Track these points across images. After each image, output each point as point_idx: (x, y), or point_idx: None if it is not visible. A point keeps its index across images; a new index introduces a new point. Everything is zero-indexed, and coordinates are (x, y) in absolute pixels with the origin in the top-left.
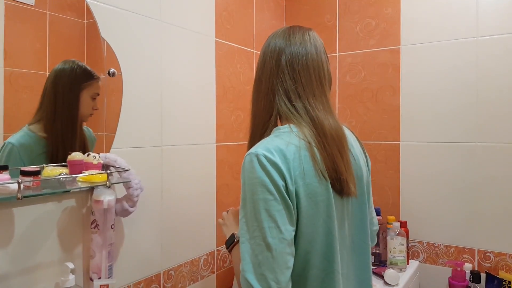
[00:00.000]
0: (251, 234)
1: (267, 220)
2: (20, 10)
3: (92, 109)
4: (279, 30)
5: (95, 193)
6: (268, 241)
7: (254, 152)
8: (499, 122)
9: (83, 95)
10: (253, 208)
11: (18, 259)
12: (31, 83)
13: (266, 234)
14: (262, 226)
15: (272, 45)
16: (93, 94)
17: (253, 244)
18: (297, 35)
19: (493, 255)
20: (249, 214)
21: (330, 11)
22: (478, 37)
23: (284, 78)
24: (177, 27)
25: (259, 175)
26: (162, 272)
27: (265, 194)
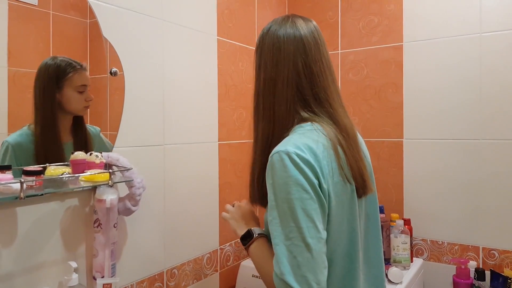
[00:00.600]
0: (287, 235)
1: (305, 220)
2: (23, 10)
3: (84, 101)
4: (284, 23)
5: (97, 192)
6: (308, 241)
7: (284, 150)
8: (503, 118)
9: (66, 91)
10: (289, 208)
11: (21, 258)
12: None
13: (305, 235)
14: (300, 226)
15: (286, 45)
16: (77, 87)
17: (290, 246)
18: (306, 31)
19: (498, 252)
20: (284, 214)
21: (332, 8)
22: (481, 33)
23: (302, 83)
24: (178, 26)
25: (293, 173)
26: (165, 270)
27: (301, 193)
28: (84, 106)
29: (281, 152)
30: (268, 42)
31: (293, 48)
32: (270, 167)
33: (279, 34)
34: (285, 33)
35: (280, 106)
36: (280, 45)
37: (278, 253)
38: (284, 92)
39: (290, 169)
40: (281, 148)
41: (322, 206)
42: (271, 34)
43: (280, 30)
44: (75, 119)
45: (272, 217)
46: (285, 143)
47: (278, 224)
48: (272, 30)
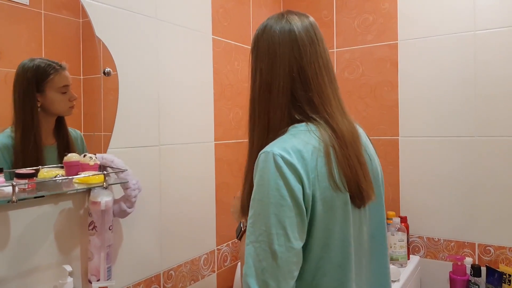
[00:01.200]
0: (257, 237)
1: (275, 226)
2: (15, 10)
3: (68, 101)
4: (278, 22)
5: (92, 195)
6: (274, 248)
7: (269, 151)
8: (498, 115)
9: (48, 93)
10: (262, 210)
11: (15, 262)
12: None
13: (273, 241)
14: (270, 232)
15: (281, 48)
16: (59, 88)
17: (258, 248)
18: (302, 30)
19: (493, 248)
20: (257, 216)
21: (327, 7)
22: (475, 31)
23: (297, 88)
24: (173, 25)
25: (273, 177)
26: (162, 272)
27: (277, 198)
28: (69, 106)
29: (267, 152)
30: (262, 45)
31: (288, 50)
32: (255, 166)
33: (273, 35)
34: (280, 34)
35: (275, 112)
36: (275, 48)
37: (247, 253)
38: (279, 98)
39: (271, 172)
40: (268, 148)
41: (301, 214)
42: (266, 36)
43: (275, 31)
44: (58, 121)
45: (249, 215)
46: (274, 143)
47: (252, 224)
48: (267, 30)
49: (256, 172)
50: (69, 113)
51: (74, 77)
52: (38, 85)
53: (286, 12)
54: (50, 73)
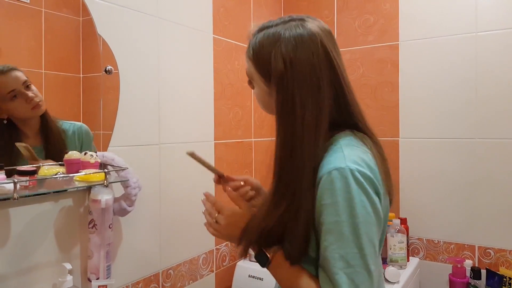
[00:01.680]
0: (348, 262)
1: (368, 245)
2: (15, 8)
3: (26, 103)
4: (303, 38)
5: (92, 193)
6: (371, 268)
7: (344, 167)
8: (499, 118)
9: (1, 105)
10: (352, 233)
11: (15, 260)
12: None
13: (369, 262)
14: (364, 254)
15: (322, 67)
16: (5, 96)
17: (352, 274)
18: (332, 45)
19: (494, 251)
20: (346, 239)
21: (328, 7)
22: (477, 33)
23: (334, 104)
24: (174, 24)
25: (357, 194)
26: (161, 271)
27: (366, 216)
28: (30, 108)
29: (341, 169)
30: (300, 68)
31: (329, 72)
32: (328, 186)
33: (311, 52)
34: (315, 51)
35: (320, 137)
36: (316, 69)
37: (339, 282)
38: (324, 123)
39: (353, 189)
40: (340, 164)
41: (380, 226)
42: (303, 54)
43: (310, 51)
44: (42, 120)
45: (328, 243)
46: (340, 157)
47: (337, 250)
48: (300, 51)
49: (329, 192)
50: (35, 113)
51: (74, 75)
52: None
53: (301, 20)
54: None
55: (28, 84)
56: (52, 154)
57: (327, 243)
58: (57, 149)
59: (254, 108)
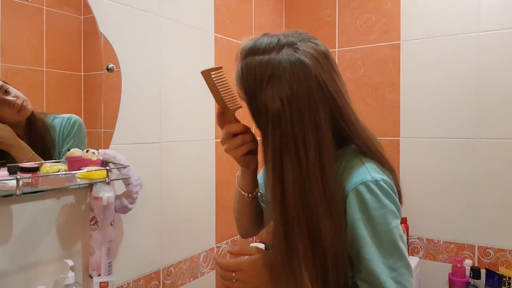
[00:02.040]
0: (391, 267)
1: (403, 245)
2: (16, 6)
3: (9, 108)
4: (298, 64)
5: (94, 190)
6: (409, 263)
7: (371, 179)
8: (500, 117)
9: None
10: (390, 240)
11: (17, 256)
12: (28, 80)
13: (407, 260)
14: (402, 254)
15: (307, 95)
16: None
17: (397, 277)
18: (319, 66)
19: (493, 251)
20: (386, 247)
21: (329, 6)
22: (478, 32)
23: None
24: (176, 22)
25: (387, 203)
26: (162, 268)
27: (396, 221)
28: (15, 112)
29: (368, 181)
30: (298, 108)
31: (325, 106)
32: (358, 200)
33: (308, 92)
34: (312, 89)
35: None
36: (313, 108)
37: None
38: (329, 167)
39: (383, 198)
40: (365, 177)
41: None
42: (300, 94)
43: (305, 87)
44: (27, 121)
45: (369, 255)
46: (363, 170)
47: (380, 260)
48: (296, 88)
49: (362, 205)
50: (23, 115)
51: (75, 73)
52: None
53: (294, 48)
54: None
55: (5, 88)
56: (42, 153)
57: (370, 256)
58: (42, 147)
59: None
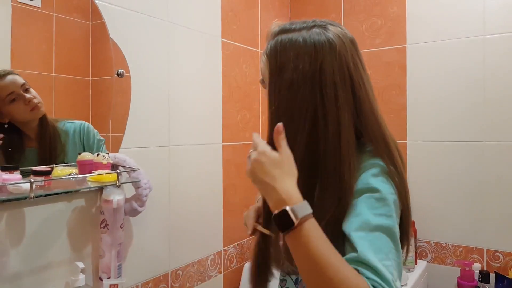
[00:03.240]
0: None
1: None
2: (26, 12)
3: (25, 105)
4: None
5: (104, 193)
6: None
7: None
8: (507, 120)
9: (1, 108)
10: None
11: (29, 258)
12: (37, 84)
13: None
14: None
15: (330, 70)
16: (4, 99)
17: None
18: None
19: (502, 255)
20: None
21: (335, 10)
22: (485, 35)
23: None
24: (184, 28)
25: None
26: (170, 272)
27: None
28: (29, 110)
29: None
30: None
31: (345, 85)
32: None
33: (331, 67)
34: (334, 66)
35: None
36: (334, 82)
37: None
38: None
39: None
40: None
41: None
42: (325, 68)
43: (329, 63)
44: (40, 123)
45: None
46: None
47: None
48: (321, 62)
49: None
50: (34, 115)
51: (83, 78)
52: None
53: (324, 28)
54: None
55: (26, 87)
56: (48, 157)
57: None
58: (52, 151)
59: (262, 110)
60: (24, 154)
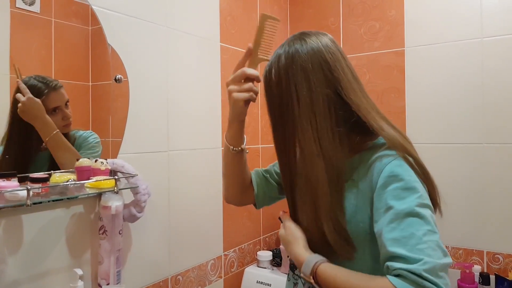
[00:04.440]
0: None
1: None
2: (26, 18)
3: (62, 120)
4: (303, 43)
5: (103, 199)
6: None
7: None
8: (506, 122)
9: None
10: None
11: (27, 265)
12: None
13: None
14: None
15: (316, 71)
16: (49, 110)
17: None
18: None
19: (502, 256)
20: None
21: (333, 14)
22: (483, 38)
23: (339, 108)
24: (182, 33)
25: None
26: (170, 277)
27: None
28: (62, 125)
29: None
30: (296, 73)
31: (322, 74)
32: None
33: (304, 60)
34: (308, 57)
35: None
36: (309, 74)
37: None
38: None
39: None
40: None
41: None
42: (297, 63)
43: (301, 55)
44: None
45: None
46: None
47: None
48: (295, 57)
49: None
50: (64, 130)
51: (83, 83)
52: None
53: (303, 34)
54: (41, 95)
55: (67, 103)
56: (54, 161)
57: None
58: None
59: (261, 115)
60: (36, 157)
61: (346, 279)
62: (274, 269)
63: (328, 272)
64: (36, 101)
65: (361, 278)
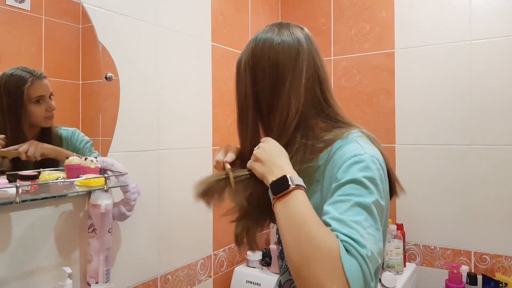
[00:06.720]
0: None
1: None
2: (15, 15)
3: (45, 111)
4: (279, 33)
5: (92, 197)
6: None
7: (364, 154)
8: (493, 124)
9: (24, 104)
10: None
11: (15, 263)
12: None
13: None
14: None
15: (287, 61)
16: (32, 98)
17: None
18: (303, 38)
19: (489, 257)
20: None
21: (324, 15)
22: (471, 40)
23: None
24: (173, 31)
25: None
26: (159, 276)
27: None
28: (44, 117)
29: (360, 155)
30: (265, 61)
31: (293, 64)
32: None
33: (277, 50)
34: (284, 48)
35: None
36: (282, 64)
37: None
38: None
39: (375, 172)
40: (359, 151)
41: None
42: (270, 50)
43: (278, 44)
44: (42, 132)
45: (339, 213)
46: (357, 147)
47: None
48: (269, 44)
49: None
50: (47, 123)
51: (73, 82)
52: (18, 91)
53: (280, 25)
54: (25, 83)
55: (52, 95)
56: (47, 161)
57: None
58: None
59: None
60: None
61: (306, 213)
62: (264, 269)
63: (300, 198)
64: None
65: (319, 221)
